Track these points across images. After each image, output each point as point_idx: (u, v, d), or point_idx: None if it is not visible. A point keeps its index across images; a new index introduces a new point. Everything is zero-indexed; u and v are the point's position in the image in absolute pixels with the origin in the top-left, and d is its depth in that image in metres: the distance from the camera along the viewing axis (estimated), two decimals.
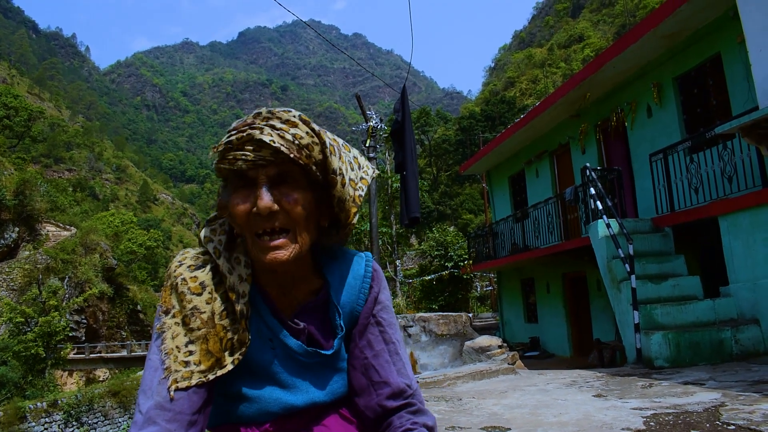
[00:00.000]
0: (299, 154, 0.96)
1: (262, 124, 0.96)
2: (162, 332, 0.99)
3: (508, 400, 4.95)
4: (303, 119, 0.99)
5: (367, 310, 1.14)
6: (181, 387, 0.94)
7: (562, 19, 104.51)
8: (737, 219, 6.72)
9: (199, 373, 0.96)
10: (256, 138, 0.94)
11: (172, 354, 0.96)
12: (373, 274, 1.16)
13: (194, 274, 1.02)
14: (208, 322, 0.99)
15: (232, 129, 0.98)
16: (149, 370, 0.96)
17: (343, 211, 1.05)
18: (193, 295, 1.00)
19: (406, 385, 1.12)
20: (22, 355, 24.55)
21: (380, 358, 1.12)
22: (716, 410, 3.74)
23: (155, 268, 70.67)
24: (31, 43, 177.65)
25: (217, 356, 0.98)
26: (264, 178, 0.95)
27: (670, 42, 8.77)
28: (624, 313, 7.00)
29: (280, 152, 0.94)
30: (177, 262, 1.04)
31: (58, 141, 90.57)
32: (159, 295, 1.04)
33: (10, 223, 36.46)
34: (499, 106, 67.03)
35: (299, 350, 1.07)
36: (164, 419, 0.91)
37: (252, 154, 0.94)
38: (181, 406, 0.93)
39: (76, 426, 21.34)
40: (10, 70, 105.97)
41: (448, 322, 7.45)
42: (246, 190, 0.97)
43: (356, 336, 1.14)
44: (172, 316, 1.00)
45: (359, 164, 1.11)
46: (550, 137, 13.19)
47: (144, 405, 0.93)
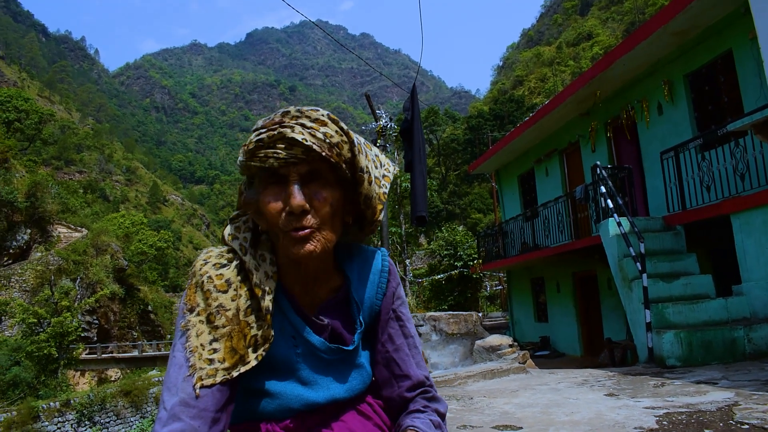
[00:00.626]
0: (330, 153, 0.97)
1: (293, 123, 0.97)
2: (186, 330, 0.99)
3: (519, 399, 4.94)
4: (332, 118, 1.00)
5: (386, 305, 1.16)
6: (206, 384, 0.94)
7: (571, 17, 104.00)
8: (750, 217, 6.67)
9: (224, 371, 0.96)
10: (288, 136, 0.95)
11: (196, 352, 0.97)
12: (390, 269, 1.18)
13: (220, 272, 1.03)
14: (233, 319, 1.00)
15: (261, 127, 0.99)
16: (174, 367, 0.97)
17: (369, 208, 1.07)
18: (219, 293, 1.01)
19: (425, 377, 1.16)
20: (35, 356, 24.77)
21: (401, 352, 1.16)
22: (729, 409, 3.72)
23: (165, 269, 71.10)
24: (41, 46, 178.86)
25: (240, 353, 0.99)
26: (295, 176, 0.97)
27: (681, 39, 8.72)
28: (635, 312, 6.97)
29: (311, 150, 0.96)
30: (202, 261, 1.05)
31: (68, 143, 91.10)
32: (183, 292, 1.04)
33: (22, 225, 36.79)
34: (508, 105, 66.83)
35: (322, 347, 1.08)
36: (188, 416, 0.91)
37: (284, 152, 0.95)
38: (205, 404, 0.93)
39: (89, 425, 21.50)
40: (20, 73, 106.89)
41: (459, 321, 7.44)
42: (277, 187, 0.99)
43: (378, 331, 1.16)
44: (196, 314, 1.00)
45: (380, 162, 1.13)
46: (559, 136, 13.14)
47: (168, 402, 0.93)
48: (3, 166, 37.83)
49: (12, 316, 28.98)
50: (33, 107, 56.01)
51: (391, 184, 1.15)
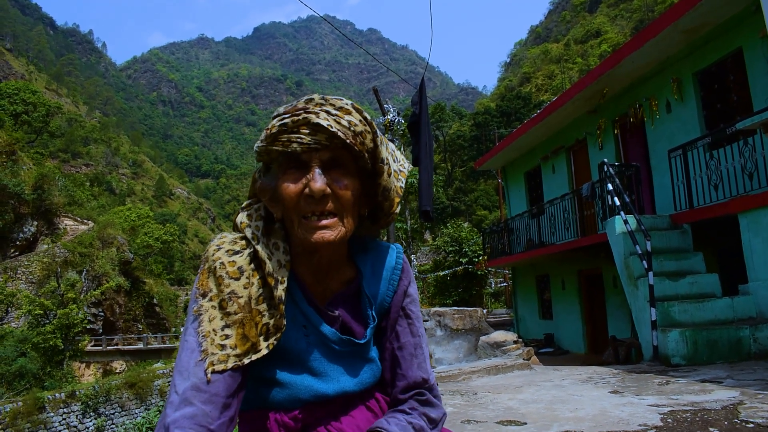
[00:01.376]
0: (354, 141, 0.97)
1: (317, 109, 0.97)
2: (199, 314, 0.99)
3: (523, 395, 4.94)
4: (355, 107, 1.00)
5: (396, 302, 1.15)
6: (218, 370, 0.95)
7: (579, 14, 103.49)
8: (758, 216, 6.63)
9: (235, 357, 0.97)
10: (313, 122, 0.95)
11: (209, 337, 0.97)
12: (404, 266, 1.17)
13: (232, 259, 1.02)
14: (244, 306, 0.99)
15: (284, 113, 0.99)
16: (186, 351, 0.97)
17: (387, 200, 1.07)
18: (231, 280, 1.00)
19: (423, 379, 1.13)
20: (41, 347, 24.91)
21: (404, 351, 1.14)
22: (734, 408, 3.71)
23: (171, 262, 71.38)
24: (48, 39, 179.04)
25: (252, 341, 0.99)
26: (318, 161, 0.97)
27: (690, 37, 8.67)
28: (641, 310, 6.95)
29: (336, 137, 0.96)
30: (215, 246, 1.04)
31: (75, 136, 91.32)
32: (196, 277, 1.04)
33: (29, 217, 36.98)
34: (515, 102, 66.61)
35: (333, 338, 1.08)
36: (200, 400, 0.92)
37: (308, 137, 0.95)
38: (216, 389, 0.94)
39: (94, 416, 21.62)
40: (28, 66, 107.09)
41: (464, 317, 7.44)
42: (297, 172, 0.99)
43: (386, 328, 1.15)
44: (209, 299, 1.00)
45: (396, 157, 1.13)
46: (566, 133, 13.10)
47: (180, 386, 0.93)
48: (10, 158, 38.00)
49: (18, 307, 29.17)
50: (40, 100, 56.29)
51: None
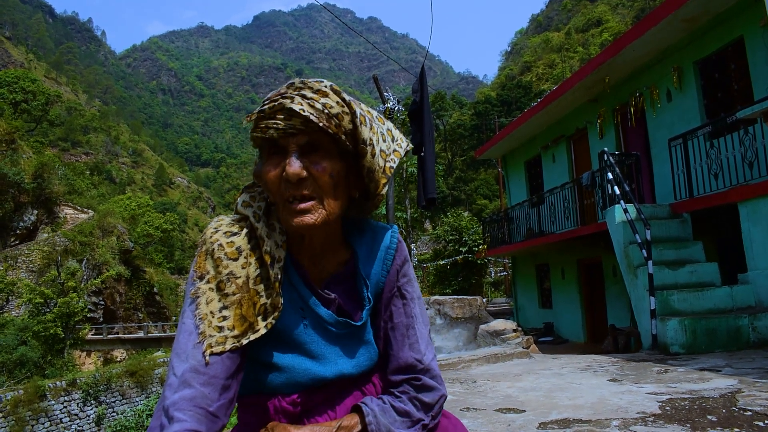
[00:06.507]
0: (328, 123, 0.97)
1: (294, 94, 0.98)
2: (197, 297, 0.99)
3: (522, 383, 4.96)
4: (334, 89, 1.00)
5: (390, 281, 1.15)
6: (216, 352, 0.95)
7: (580, 2, 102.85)
8: (757, 205, 6.63)
9: (233, 338, 0.97)
10: (287, 107, 0.96)
11: (206, 319, 0.97)
12: (398, 246, 1.16)
13: (231, 240, 1.03)
14: (242, 287, 1.00)
15: (266, 99, 1.00)
16: (183, 334, 0.97)
17: (372, 182, 1.06)
18: (229, 261, 1.01)
19: (416, 360, 1.11)
20: (41, 335, 25.02)
21: (396, 332, 1.13)
22: (733, 396, 3.73)
23: (171, 251, 71.40)
24: (47, 27, 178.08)
25: (250, 321, 0.99)
26: (294, 146, 0.98)
27: (691, 25, 8.62)
28: (640, 298, 6.97)
29: (309, 121, 0.96)
30: (212, 229, 1.05)
31: (75, 125, 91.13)
32: (193, 260, 1.04)
33: (29, 206, 36.99)
34: (515, 91, 66.41)
35: (330, 320, 1.08)
36: (199, 382, 0.92)
37: (282, 122, 0.96)
38: (215, 371, 0.94)
39: (95, 404, 21.74)
40: (27, 54, 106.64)
41: (463, 306, 7.46)
42: (277, 157, 0.99)
43: (381, 308, 1.15)
44: (206, 281, 1.00)
45: (393, 136, 1.12)
46: (567, 122, 13.07)
47: (179, 368, 0.94)
48: (10, 147, 37.95)
49: (19, 296, 29.24)
50: (40, 88, 56.13)
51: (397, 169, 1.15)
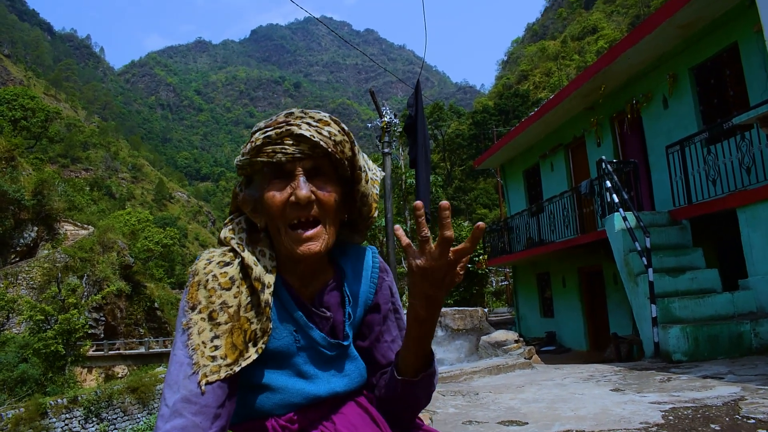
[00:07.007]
0: (335, 149, 1.04)
1: (298, 122, 1.03)
2: (188, 328, 1.01)
3: (524, 395, 4.94)
4: (333, 119, 1.07)
5: (384, 298, 1.20)
6: (211, 381, 0.97)
7: (576, 10, 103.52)
8: (756, 211, 6.63)
9: (227, 367, 0.99)
10: (296, 133, 1.01)
11: (198, 349, 0.99)
12: (381, 265, 1.22)
13: (224, 270, 1.06)
14: (234, 315, 1.02)
15: (266, 127, 1.05)
16: (174, 365, 0.99)
17: (365, 206, 1.14)
18: (222, 290, 1.03)
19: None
20: (42, 352, 24.88)
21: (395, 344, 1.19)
22: (736, 404, 3.71)
23: (172, 266, 71.21)
24: (46, 44, 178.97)
25: (240, 349, 1.01)
26: (301, 170, 1.02)
27: (686, 32, 8.66)
28: (641, 306, 6.95)
29: (318, 146, 1.02)
30: (206, 260, 1.07)
31: (74, 141, 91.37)
32: (184, 291, 1.06)
33: (29, 223, 36.95)
34: (513, 100, 66.64)
35: (323, 342, 1.11)
36: (190, 412, 0.93)
37: (291, 147, 1.01)
38: (207, 400, 0.95)
39: (96, 422, 21.60)
40: (26, 71, 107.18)
41: (464, 317, 7.44)
42: (282, 182, 1.04)
43: (374, 323, 1.19)
44: (198, 311, 1.02)
45: (370, 166, 1.19)
46: (564, 130, 13.10)
47: (170, 398, 0.95)
48: (10, 164, 37.99)
49: (19, 313, 29.11)
50: (39, 105, 56.18)
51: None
